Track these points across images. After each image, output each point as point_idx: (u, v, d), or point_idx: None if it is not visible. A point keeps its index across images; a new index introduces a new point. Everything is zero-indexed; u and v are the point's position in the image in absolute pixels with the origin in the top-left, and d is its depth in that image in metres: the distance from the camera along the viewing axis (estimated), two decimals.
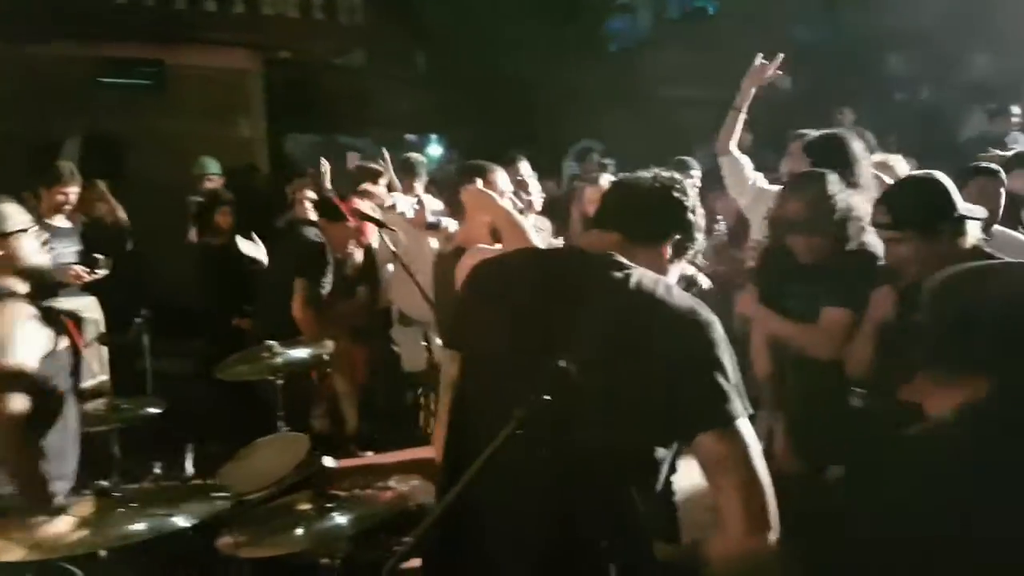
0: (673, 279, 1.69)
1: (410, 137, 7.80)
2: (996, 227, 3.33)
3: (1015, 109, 6.04)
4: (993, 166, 3.49)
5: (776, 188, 3.28)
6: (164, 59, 8.39)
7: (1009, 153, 5.29)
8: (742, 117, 3.75)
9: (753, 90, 3.72)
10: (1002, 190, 3.43)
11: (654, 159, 4.28)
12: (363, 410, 5.15)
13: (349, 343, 5.08)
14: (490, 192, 2.81)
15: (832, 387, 2.61)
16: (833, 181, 2.68)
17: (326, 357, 3.61)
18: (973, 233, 2.36)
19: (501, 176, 3.03)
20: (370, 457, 4.91)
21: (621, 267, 1.55)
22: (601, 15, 11.89)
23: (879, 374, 2.45)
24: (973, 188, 3.31)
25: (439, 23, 8.97)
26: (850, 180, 2.83)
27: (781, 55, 3.70)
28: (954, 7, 8.82)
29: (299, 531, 2.32)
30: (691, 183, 3.15)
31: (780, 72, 3.73)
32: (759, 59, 3.71)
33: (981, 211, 2.44)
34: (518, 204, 3.03)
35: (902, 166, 3.81)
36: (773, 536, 1.38)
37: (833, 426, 2.50)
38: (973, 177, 3.41)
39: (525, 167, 3.76)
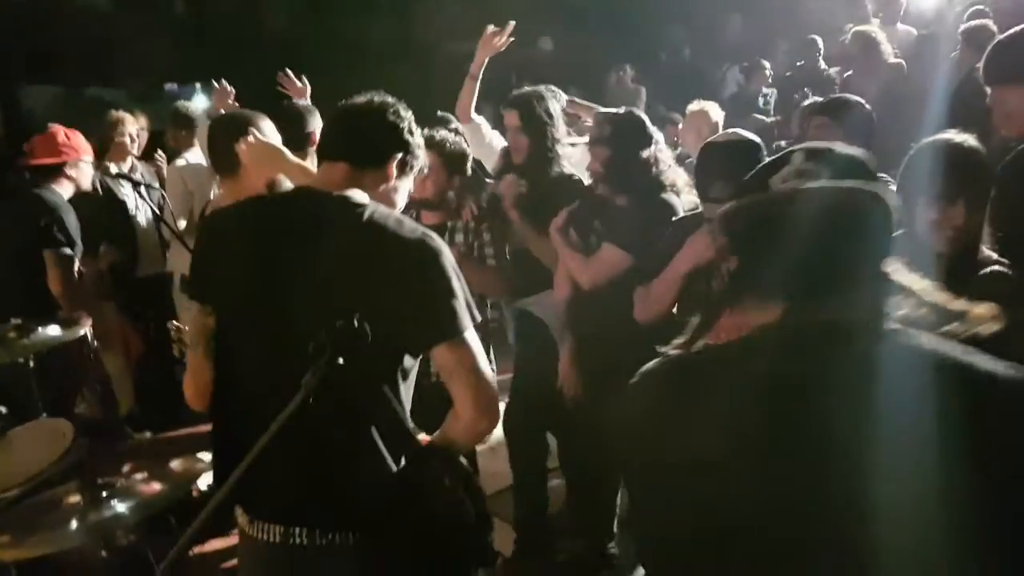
0: (403, 195, 1.86)
1: (171, 87, 7.08)
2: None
3: (766, 63, 6.57)
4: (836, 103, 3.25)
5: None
6: None
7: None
8: (476, 84, 3.73)
9: (486, 58, 3.71)
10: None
11: (435, 113, 4.21)
12: (139, 388, 4.72)
13: (116, 315, 4.61)
14: (275, 144, 2.58)
15: (613, 320, 2.74)
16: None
17: (85, 332, 3.19)
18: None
19: (270, 126, 2.80)
20: (147, 438, 4.51)
21: (355, 205, 1.68)
22: None
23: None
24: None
25: None
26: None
27: (511, 24, 3.71)
28: None
29: (70, 526, 2.07)
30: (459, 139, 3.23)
31: (504, 42, 3.72)
32: (490, 28, 3.72)
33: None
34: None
35: (716, 111, 4.05)
36: (495, 423, 1.71)
37: (611, 352, 2.57)
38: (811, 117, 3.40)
39: (316, 121, 3.52)
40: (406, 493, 1.65)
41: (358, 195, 1.72)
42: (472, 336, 1.65)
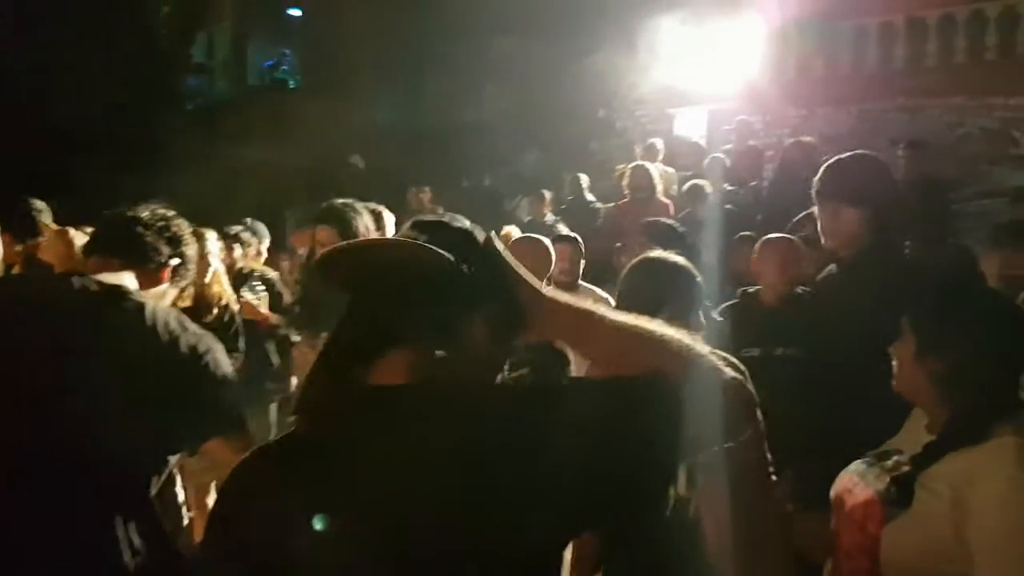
0: (168, 301, 1.90)
1: None
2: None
3: (547, 193, 7.04)
4: None
5: None
6: None
7: None
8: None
9: None
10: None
11: (234, 218, 4.12)
12: None
13: None
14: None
15: None
16: None
17: None
18: None
19: None
20: None
21: (133, 300, 1.67)
22: (177, 72, 11.35)
23: None
24: None
25: None
26: None
27: None
28: (512, 109, 10.16)
29: None
30: (263, 246, 3.23)
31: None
32: None
33: None
34: None
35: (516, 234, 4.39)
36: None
37: None
38: None
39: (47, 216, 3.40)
40: None
41: (131, 283, 1.73)
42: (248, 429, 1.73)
